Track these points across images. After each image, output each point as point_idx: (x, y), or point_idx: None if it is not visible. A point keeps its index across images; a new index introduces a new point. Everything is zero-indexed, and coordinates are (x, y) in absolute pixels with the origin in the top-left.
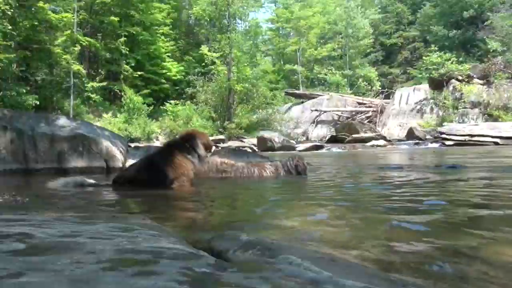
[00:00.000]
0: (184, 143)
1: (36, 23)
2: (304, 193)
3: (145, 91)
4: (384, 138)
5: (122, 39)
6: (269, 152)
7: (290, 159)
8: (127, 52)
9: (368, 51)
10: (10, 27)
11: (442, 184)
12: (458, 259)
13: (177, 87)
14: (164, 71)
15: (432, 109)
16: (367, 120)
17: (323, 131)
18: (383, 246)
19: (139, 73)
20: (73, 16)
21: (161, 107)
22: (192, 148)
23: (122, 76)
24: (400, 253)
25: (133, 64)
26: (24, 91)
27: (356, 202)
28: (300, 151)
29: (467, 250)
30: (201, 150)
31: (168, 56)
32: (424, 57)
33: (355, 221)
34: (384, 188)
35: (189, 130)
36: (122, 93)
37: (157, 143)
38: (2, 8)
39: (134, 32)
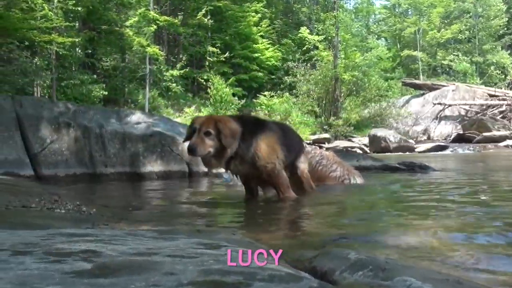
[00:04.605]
0: None
1: None
2: (424, 203)
3: (233, 78)
4: None
5: (205, 9)
6: (383, 153)
7: None
8: (211, 26)
9: (501, 32)
10: (72, 3)
11: None
12: None
13: (273, 76)
14: (257, 54)
15: None
16: (500, 116)
17: (447, 129)
18: None
19: (227, 55)
20: None
21: (254, 100)
22: None
23: (207, 63)
24: None
25: (218, 44)
26: (90, 80)
27: (490, 216)
28: (419, 152)
29: None
30: None
31: (261, 37)
32: None
33: (487, 238)
34: None
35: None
36: (209, 83)
37: None
38: None
39: (221, 5)
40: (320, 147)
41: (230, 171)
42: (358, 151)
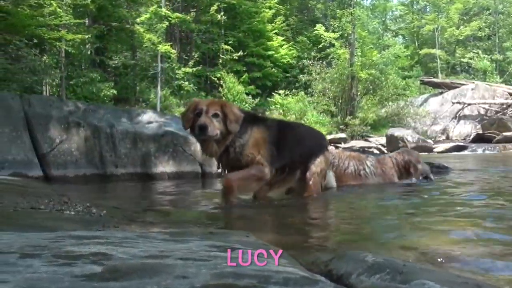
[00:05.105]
0: None
1: None
2: (442, 204)
3: (246, 75)
4: None
5: (218, 5)
6: None
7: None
8: (224, 22)
9: None
10: None
11: None
12: None
13: (287, 74)
14: (271, 52)
15: None
16: None
17: (466, 129)
18: None
19: (240, 53)
20: None
21: (268, 98)
22: None
23: (220, 61)
24: None
25: (231, 42)
26: (100, 78)
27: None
28: (438, 152)
29: None
30: None
31: (276, 34)
32: None
33: (507, 241)
34: None
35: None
36: (221, 81)
37: None
38: None
39: (234, 1)
40: (337, 147)
41: (221, 163)
42: (375, 151)
